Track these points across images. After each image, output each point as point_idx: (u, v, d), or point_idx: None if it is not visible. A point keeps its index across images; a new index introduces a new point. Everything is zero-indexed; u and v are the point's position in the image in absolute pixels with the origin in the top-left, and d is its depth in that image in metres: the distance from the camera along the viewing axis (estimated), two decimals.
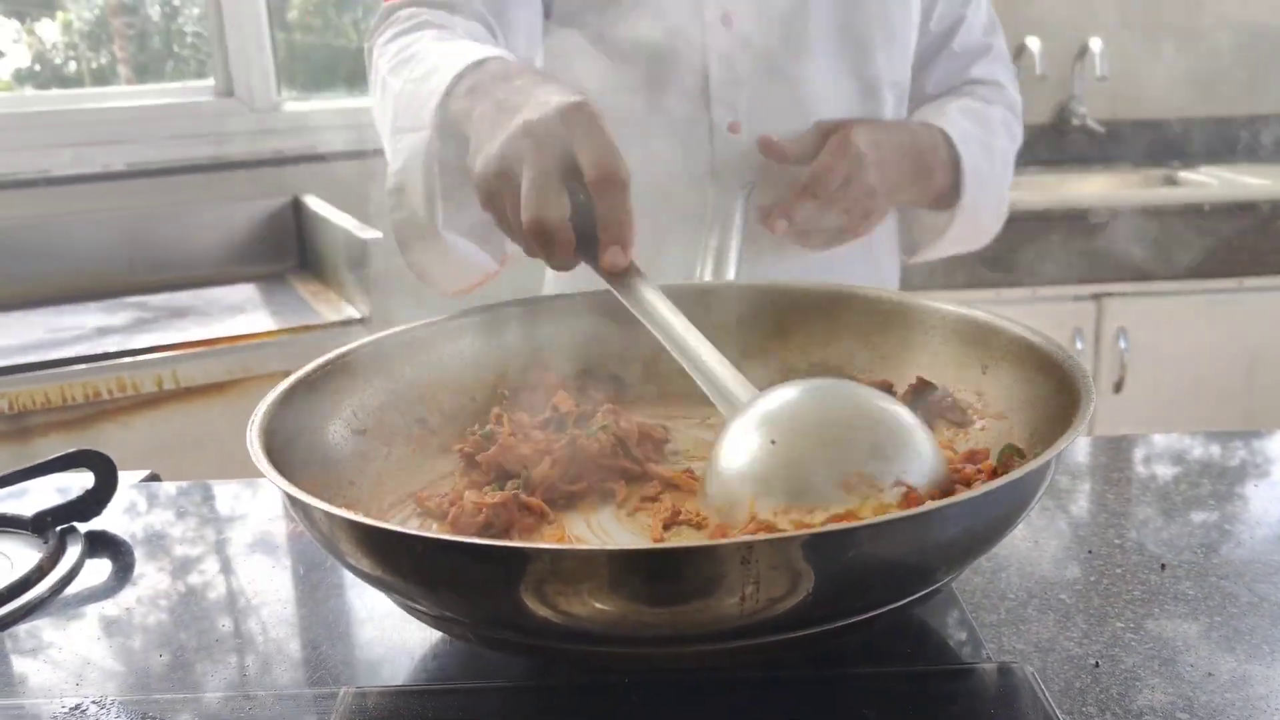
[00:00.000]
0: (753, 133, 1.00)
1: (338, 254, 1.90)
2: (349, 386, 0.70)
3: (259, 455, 0.55)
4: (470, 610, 0.50)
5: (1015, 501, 0.51)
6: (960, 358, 0.71)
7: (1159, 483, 0.79)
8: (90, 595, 0.70)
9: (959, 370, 0.71)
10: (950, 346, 0.72)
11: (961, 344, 0.71)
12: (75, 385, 1.56)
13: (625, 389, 0.79)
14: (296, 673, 0.61)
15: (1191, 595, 0.64)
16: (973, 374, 0.70)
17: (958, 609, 0.63)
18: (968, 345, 0.71)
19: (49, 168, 2.06)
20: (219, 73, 2.20)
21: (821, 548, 0.45)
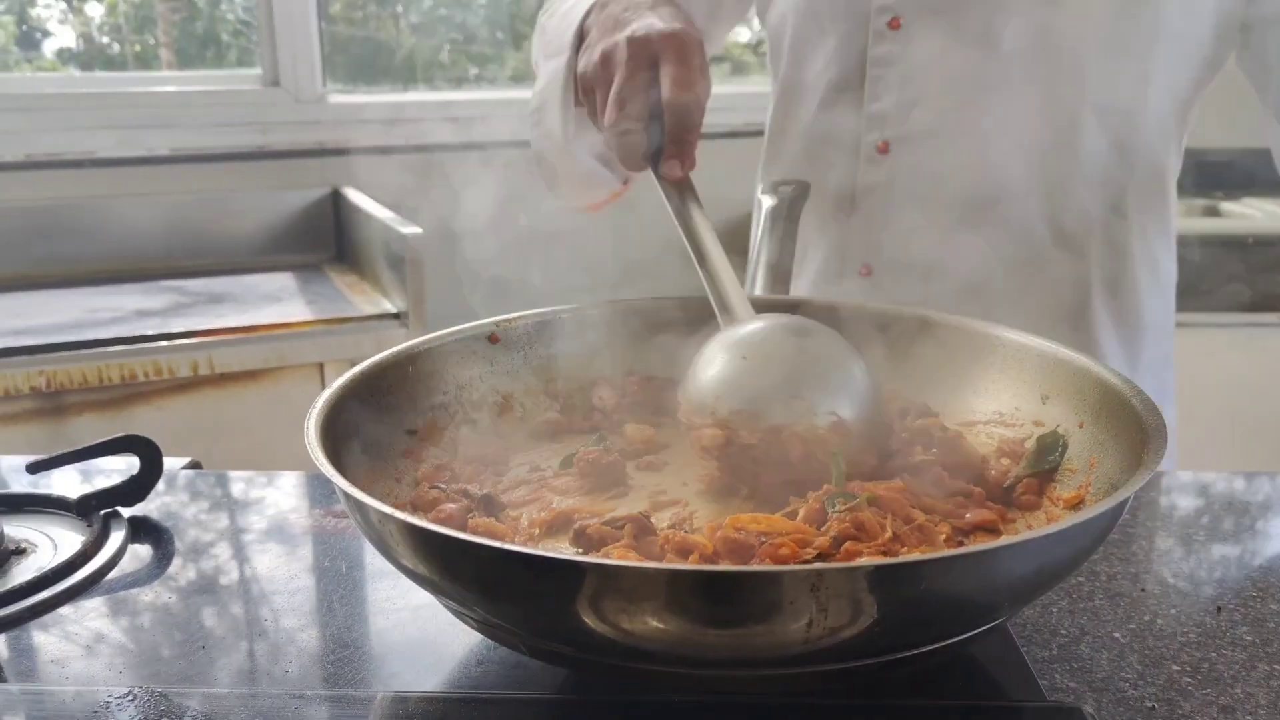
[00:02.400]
0: (903, 156, 0.95)
1: (376, 247, 1.91)
2: (402, 385, 0.69)
3: (316, 450, 0.55)
4: (526, 621, 0.50)
5: (1086, 540, 0.50)
6: (1020, 386, 0.70)
7: (1212, 520, 0.78)
8: (133, 581, 0.70)
9: (1019, 399, 0.70)
10: (1010, 374, 0.71)
11: (1021, 370, 0.70)
12: (112, 366, 1.57)
13: None
14: (335, 672, 0.60)
15: (1250, 641, 0.62)
16: (1031, 403, 0.69)
17: (1009, 643, 0.62)
18: (1029, 373, 0.70)
19: (94, 149, 2.07)
20: (266, 62, 2.21)
21: (890, 579, 0.44)
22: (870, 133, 0.97)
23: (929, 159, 0.94)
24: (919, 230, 0.97)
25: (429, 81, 2.52)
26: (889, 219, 0.98)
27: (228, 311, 1.78)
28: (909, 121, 0.95)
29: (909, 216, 0.97)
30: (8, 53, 2.24)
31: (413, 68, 2.52)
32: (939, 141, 0.95)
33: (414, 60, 2.53)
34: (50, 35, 2.29)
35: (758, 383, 0.65)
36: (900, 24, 0.94)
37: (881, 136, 0.96)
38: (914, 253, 0.97)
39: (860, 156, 0.98)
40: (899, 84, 0.95)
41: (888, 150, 0.96)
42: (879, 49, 0.95)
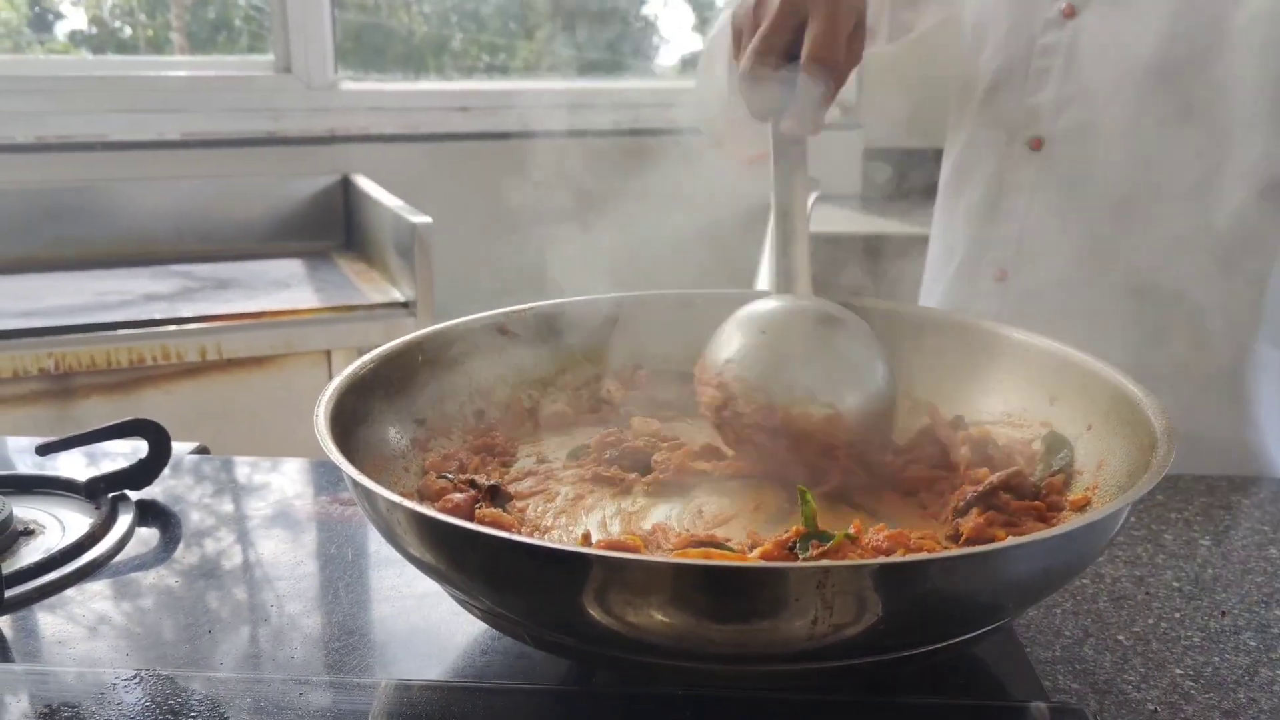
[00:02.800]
0: (1056, 154, 0.90)
1: (385, 235, 1.91)
2: (412, 374, 0.70)
3: (326, 437, 0.55)
4: (531, 612, 0.50)
5: (1092, 542, 0.50)
6: (1028, 386, 0.70)
7: (1220, 525, 0.78)
8: (140, 564, 0.70)
9: (1027, 399, 0.70)
10: (1018, 374, 0.71)
11: (1030, 371, 0.70)
12: (120, 350, 1.57)
13: None
14: (339, 659, 0.60)
15: (1254, 646, 0.62)
16: (1039, 404, 0.69)
17: (1012, 643, 0.62)
18: (1037, 373, 0.70)
19: (105, 132, 2.07)
20: (278, 48, 2.21)
21: (896, 578, 0.44)
22: (1025, 128, 0.93)
23: (1083, 157, 0.90)
24: (1061, 236, 0.92)
25: (440, 70, 2.52)
26: (1030, 221, 0.94)
27: (236, 297, 1.78)
28: (1066, 116, 0.91)
29: (1053, 220, 0.92)
30: (20, 34, 2.25)
31: (424, 56, 2.52)
32: (1096, 139, 0.89)
33: (425, 49, 2.53)
34: (63, 17, 2.30)
35: (767, 358, 0.66)
36: (1075, 11, 0.89)
37: (1036, 132, 0.92)
38: (1053, 261, 0.93)
39: (1011, 152, 0.94)
40: (1063, 76, 0.90)
41: (1040, 147, 0.92)
42: (1048, 37, 0.91)
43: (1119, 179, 0.89)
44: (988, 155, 0.96)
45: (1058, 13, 0.90)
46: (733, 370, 0.66)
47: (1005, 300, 0.95)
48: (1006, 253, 0.96)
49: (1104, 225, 0.90)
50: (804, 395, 0.65)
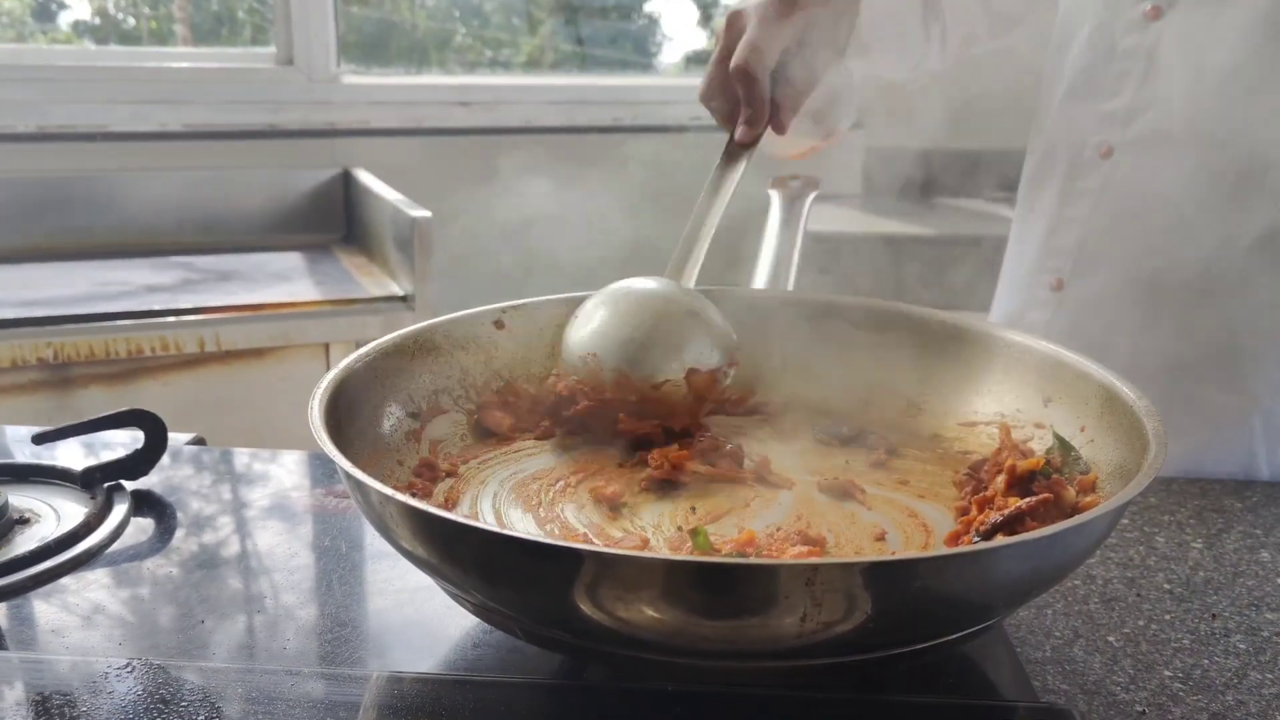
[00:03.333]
0: (1125, 161, 0.88)
1: (384, 229, 1.91)
2: (407, 368, 0.70)
3: (320, 429, 0.55)
4: (523, 606, 0.50)
5: (1082, 544, 0.50)
6: (1023, 388, 0.70)
7: (1212, 528, 0.78)
8: (135, 554, 0.71)
9: (1021, 400, 0.70)
10: (1013, 376, 0.71)
11: (1025, 373, 0.70)
12: (119, 340, 1.57)
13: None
14: (332, 650, 0.61)
15: (1242, 649, 0.63)
16: (1034, 405, 0.69)
17: (1003, 643, 0.62)
18: (1031, 375, 0.70)
19: (107, 123, 2.07)
20: (280, 41, 2.20)
21: (885, 576, 0.44)
22: (1097, 134, 0.90)
23: (1152, 168, 0.87)
24: (1119, 247, 0.90)
25: (443, 65, 2.52)
26: (1092, 230, 0.92)
27: (236, 289, 1.78)
28: (1139, 124, 0.88)
29: (1112, 231, 0.90)
30: (23, 24, 2.25)
31: (426, 50, 2.52)
32: (1169, 149, 0.86)
33: (429, 43, 2.53)
34: (66, 7, 2.30)
35: (612, 333, 0.72)
36: (1160, 13, 0.86)
37: (1107, 139, 0.90)
38: (1108, 272, 0.91)
39: (1081, 159, 0.91)
40: (1140, 82, 0.87)
41: (1110, 155, 0.90)
42: (1129, 40, 0.87)
43: (1183, 190, 0.86)
44: (1061, 161, 0.94)
45: (1141, 14, 0.87)
46: (580, 347, 0.72)
47: (1058, 310, 0.94)
48: (1064, 262, 0.94)
49: (1162, 237, 0.88)
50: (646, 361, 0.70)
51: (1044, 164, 0.97)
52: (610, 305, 0.73)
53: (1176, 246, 0.87)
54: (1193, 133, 0.86)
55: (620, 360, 0.70)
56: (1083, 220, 0.92)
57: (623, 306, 0.73)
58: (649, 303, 0.73)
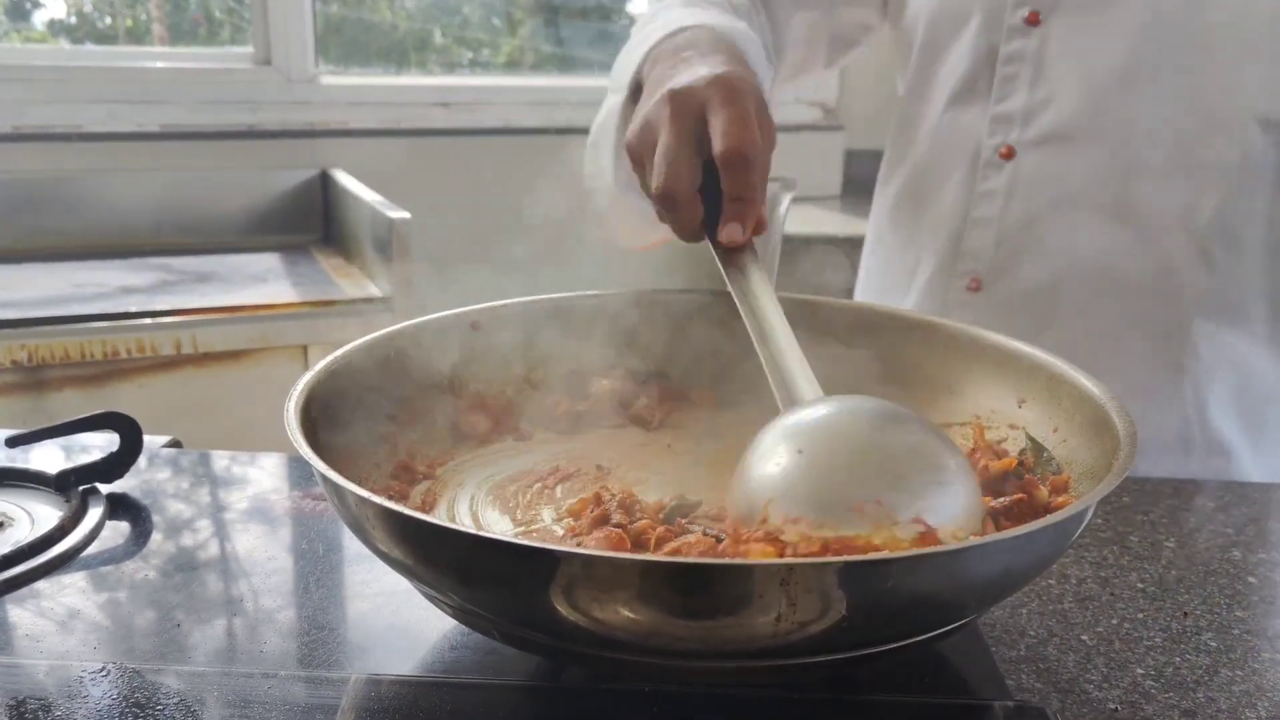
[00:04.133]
0: (1028, 162, 0.90)
1: (363, 230, 1.91)
2: (384, 370, 0.70)
3: (295, 432, 0.55)
4: (499, 608, 0.50)
5: (1055, 543, 0.51)
6: (997, 388, 0.71)
7: (1185, 528, 0.79)
8: (110, 558, 0.70)
9: (995, 401, 0.70)
10: (988, 376, 0.72)
11: (999, 374, 0.71)
12: (95, 342, 1.56)
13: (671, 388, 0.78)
14: (309, 653, 0.60)
15: (1214, 647, 0.63)
16: (1008, 406, 0.70)
17: (978, 643, 0.62)
18: (1006, 376, 0.70)
19: (82, 123, 2.06)
20: (258, 41, 2.20)
21: (859, 576, 0.44)
22: (994, 136, 0.92)
23: (1055, 166, 0.88)
24: (1036, 245, 0.91)
25: (422, 65, 2.52)
26: (1005, 230, 0.93)
27: (213, 291, 1.77)
28: (1037, 124, 0.90)
29: (1027, 229, 0.91)
30: None
31: (406, 51, 2.51)
32: (1069, 147, 0.88)
33: (408, 43, 2.52)
34: (41, 6, 2.28)
35: (819, 485, 0.52)
36: (1039, 19, 0.88)
37: (1005, 140, 0.91)
38: (1028, 270, 0.92)
39: (980, 162, 0.93)
40: (1031, 84, 0.89)
41: (1011, 155, 0.91)
42: (1012, 45, 0.89)
43: (1089, 185, 0.89)
44: (955, 165, 0.95)
45: (1021, 20, 0.89)
46: (779, 510, 0.51)
47: (981, 311, 0.95)
48: (979, 264, 0.95)
49: (1077, 230, 0.90)
50: (881, 515, 0.50)
51: (929, 170, 0.98)
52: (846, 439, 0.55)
53: (1091, 238, 0.89)
54: (1090, 130, 0.88)
55: (925, 509, 0.51)
56: (995, 221, 0.93)
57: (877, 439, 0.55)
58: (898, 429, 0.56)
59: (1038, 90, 0.89)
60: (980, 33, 0.92)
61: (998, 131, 0.92)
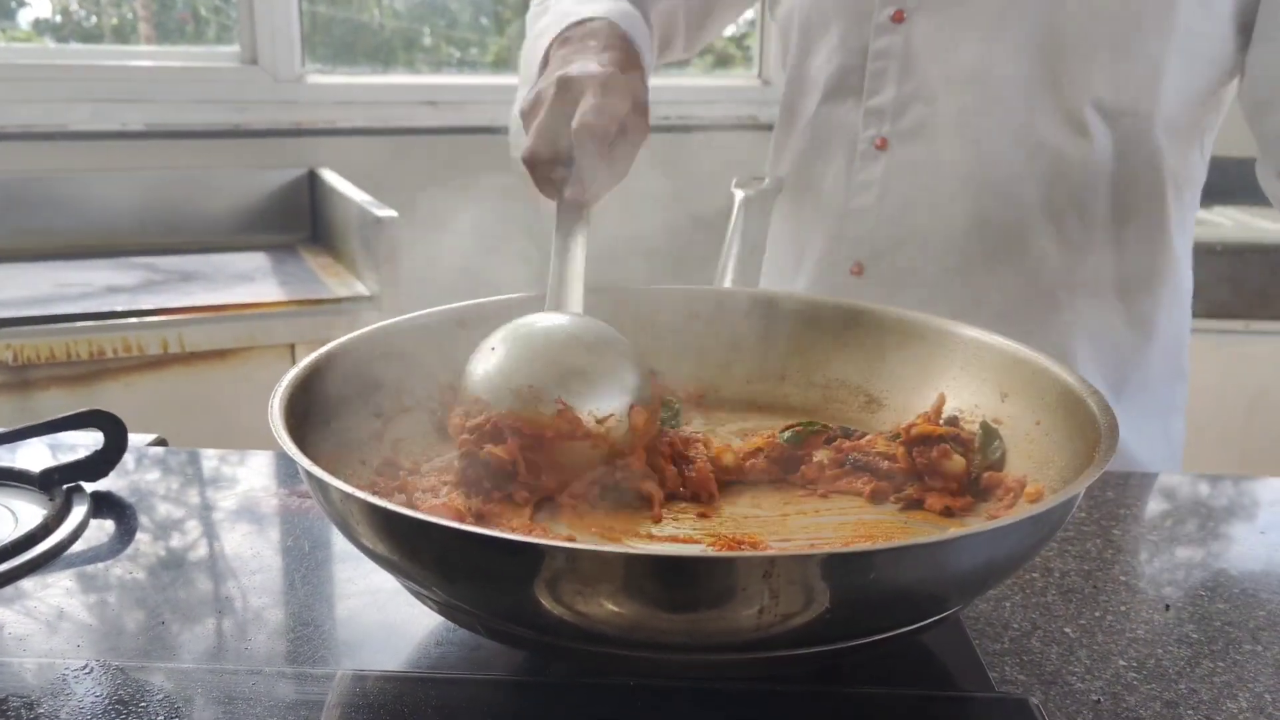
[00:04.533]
0: (900, 152, 0.94)
1: (350, 229, 1.90)
2: (370, 367, 0.70)
3: (280, 428, 0.55)
4: (485, 602, 0.50)
5: (1036, 535, 0.51)
6: (980, 383, 0.71)
7: (1168, 522, 0.79)
8: (94, 556, 0.70)
9: (979, 396, 0.71)
10: (970, 371, 0.72)
11: (981, 368, 0.71)
12: (80, 342, 1.56)
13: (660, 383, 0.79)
14: (295, 650, 0.60)
15: (1195, 639, 0.64)
16: (991, 400, 0.70)
17: (961, 635, 0.63)
18: (989, 371, 0.71)
19: (67, 122, 2.05)
20: (244, 40, 2.19)
21: (842, 568, 0.45)
22: (868, 128, 0.96)
23: (926, 156, 0.93)
24: (912, 230, 0.96)
25: (409, 64, 2.51)
26: (882, 217, 0.97)
27: (199, 290, 1.77)
28: (907, 117, 0.94)
29: (903, 215, 0.96)
30: None
31: (393, 50, 2.50)
32: (938, 138, 0.93)
33: (396, 42, 2.52)
34: (26, 5, 2.27)
35: (497, 372, 0.65)
36: (904, 16, 0.93)
37: (879, 132, 0.96)
38: (906, 253, 0.97)
39: (857, 153, 0.97)
40: (899, 78, 0.94)
41: (885, 146, 0.95)
42: (880, 42, 0.94)
43: (962, 172, 0.93)
44: (834, 156, 0.99)
45: (888, 18, 0.93)
46: (471, 391, 0.65)
47: (863, 293, 0.98)
48: (860, 249, 0.99)
49: (953, 215, 0.94)
50: (532, 397, 0.63)
51: (812, 161, 1.02)
52: (534, 338, 0.67)
53: (960, 221, 0.94)
54: (954, 120, 0.93)
55: (563, 392, 0.63)
56: (873, 210, 0.97)
57: (555, 338, 0.67)
58: (582, 334, 0.68)
59: (906, 84, 0.94)
60: (851, 30, 0.96)
61: (871, 124, 0.96)
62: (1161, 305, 0.99)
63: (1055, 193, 0.92)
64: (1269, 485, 0.87)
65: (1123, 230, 0.94)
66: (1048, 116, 0.90)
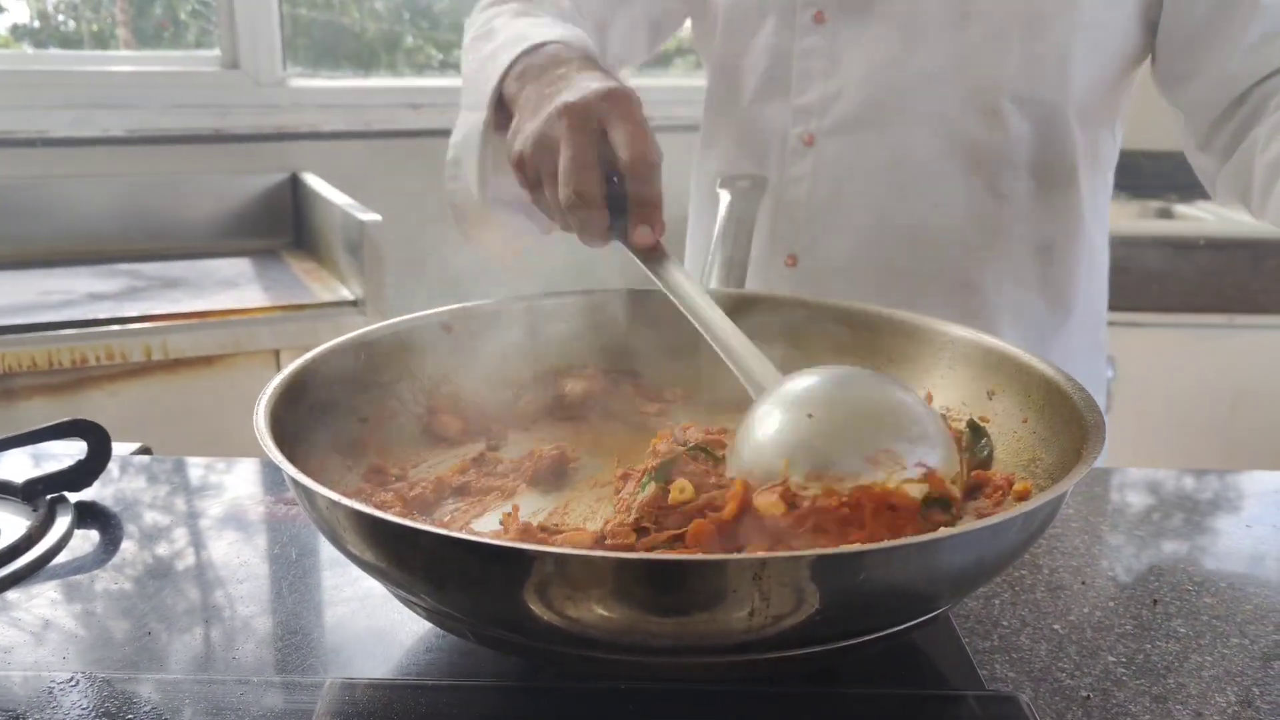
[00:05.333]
0: (827, 146, 0.97)
1: (334, 234, 1.89)
2: (355, 372, 0.69)
3: (265, 435, 0.55)
4: (473, 609, 0.50)
5: (1025, 533, 0.51)
6: (968, 382, 0.71)
7: (1155, 518, 0.80)
8: (79, 566, 0.69)
9: (966, 394, 0.71)
10: (958, 370, 0.72)
11: (969, 368, 0.72)
12: (63, 350, 1.54)
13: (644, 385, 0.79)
14: (283, 659, 0.60)
15: (1183, 633, 0.64)
16: (979, 399, 0.71)
17: (951, 633, 0.63)
18: (976, 370, 0.71)
19: (47, 128, 2.03)
20: (225, 44, 2.18)
21: (832, 568, 0.45)
22: (796, 125, 0.99)
23: (852, 151, 0.95)
24: (841, 222, 0.99)
25: (391, 67, 2.50)
26: (813, 211, 1.00)
27: (183, 296, 1.76)
28: (833, 114, 0.97)
29: (832, 208, 0.99)
30: None
31: (375, 53, 2.50)
32: (862, 133, 0.96)
33: (378, 45, 2.51)
34: (3, 10, 2.25)
35: (832, 442, 0.57)
36: (824, 17, 0.95)
37: (807, 129, 0.98)
38: (837, 244, 1.00)
39: (787, 149, 1.00)
40: (823, 77, 0.96)
41: (813, 143, 0.98)
42: (804, 42, 0.97)
43: (885, 165, 0.96)
44: (766, 152, 1.01)
45: (809, 18, 0.96)
46: (799, 468, 0.56)
47: (798, 284, 1.01)
48: (793, 241, 1.01)
49: (878, 207, 0.97)
50: (891, 462, 0.55)
51: (742, 156, 1.04)
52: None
53: (886, 211, 0.97)
54: (876, 115, 0.95)
55: None
56: (803, 203, 1.00)
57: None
58: None
59: (831, 82, 0.96)
60: (777, 30, 0.98)
61: (799, 121, 0.98)
62: (1079, 281, 1.02)
63: (973, 179, 0.96)
64: (1254, 479, 0.87)
65: (1038, 208, 0.98)
66: (965, 108, 0.93)
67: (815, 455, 0.56)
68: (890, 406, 0.60)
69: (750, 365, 0.66)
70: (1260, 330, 2.12)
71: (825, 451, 0.56)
